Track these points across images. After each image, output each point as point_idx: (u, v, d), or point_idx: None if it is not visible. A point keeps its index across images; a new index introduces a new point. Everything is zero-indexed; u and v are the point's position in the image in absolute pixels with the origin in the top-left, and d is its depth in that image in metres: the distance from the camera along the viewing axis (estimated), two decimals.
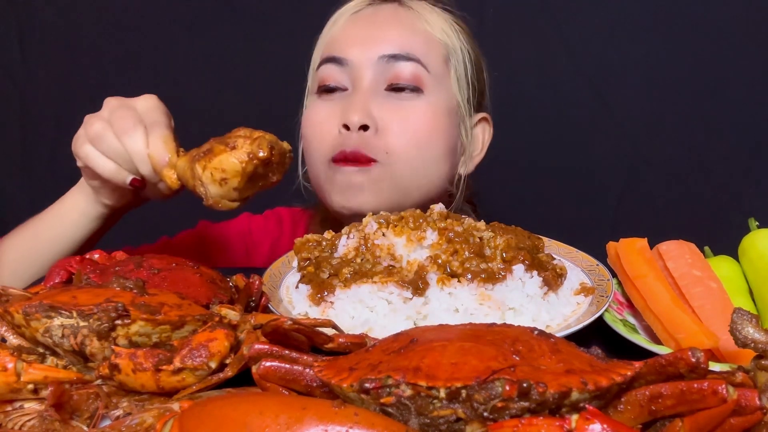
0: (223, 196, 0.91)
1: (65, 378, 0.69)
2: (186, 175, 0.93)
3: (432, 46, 1.24)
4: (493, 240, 0.93)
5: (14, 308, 0.69)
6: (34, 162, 2.32)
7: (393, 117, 1.18)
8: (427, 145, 1.21)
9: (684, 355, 0.55)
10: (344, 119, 1.17)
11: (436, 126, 1.22)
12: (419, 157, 1.20)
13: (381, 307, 0.85)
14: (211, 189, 0.90)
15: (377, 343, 0.64)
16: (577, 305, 0.90)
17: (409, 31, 1.24)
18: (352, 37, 1.24)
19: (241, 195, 0.92)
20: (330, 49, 1.26)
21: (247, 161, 0.88)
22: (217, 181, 0.89)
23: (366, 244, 0.93)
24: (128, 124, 0.97)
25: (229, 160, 0.88)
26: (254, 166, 0.89)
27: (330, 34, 1.28)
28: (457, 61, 1.27)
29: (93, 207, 1.11)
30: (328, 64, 1.24)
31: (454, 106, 1.26)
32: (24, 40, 2.26)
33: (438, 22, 1.27)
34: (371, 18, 1.26)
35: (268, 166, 0.91)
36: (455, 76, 1.27)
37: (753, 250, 1.02)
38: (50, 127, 2.29)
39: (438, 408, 0.53)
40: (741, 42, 2.00)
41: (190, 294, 0.82)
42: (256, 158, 0.89)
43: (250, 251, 1.43)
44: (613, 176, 2.14)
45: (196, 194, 0.93)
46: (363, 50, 1.21)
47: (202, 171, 0.90)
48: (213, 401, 0.54)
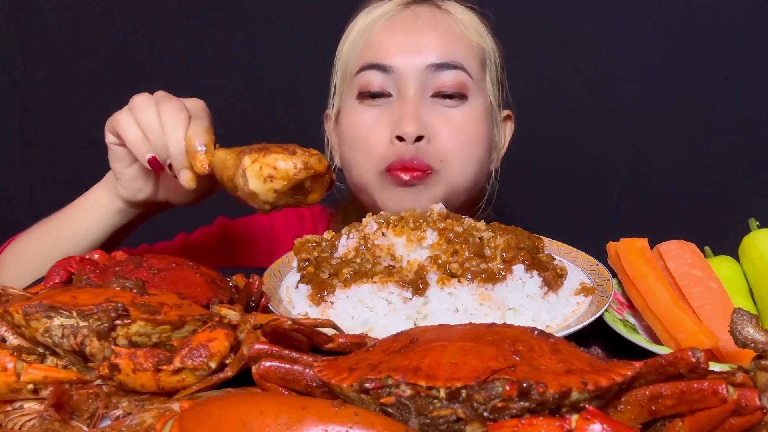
0: (259, 194, 0.91)
1: (65, 378, 0.69)
2: (224, 163, 0.94)
3: (471, 51, 1.27)
4: (493, 240, 0.93)
5: (14, 308, 0.69)
6: (34, 162, 2.32)
7: (442, 125, 1.21)
8: (475, 149, 1.25)
9: (684, 355, 0.55)
10: (399, 131, 1.18)
11: (480, 130, 1.26)
12: (469, 162, 1.24)
13: (381, 307, 0.85)
14: (252, 182, 0.91)
15: (377, 343, 0.64)
16: (577, 305, 0.90)
17: (449, 36, 1.26)
18: (394, 43, 1.25)
19: (275, 201, 0.93)
20: (371, 55, 1.25)
21: (302, 168, 0.90)
22: (263, 177, 0.90)
23: (366, 245, 0.93)
24: (174, 107, 1.00)
25: (285, 162, 0.90)
26: (305, 176, 0.91)
27: (367, 38, 1.27)
28: (491, 62, 1.31)
29: (113, 201, 1.13)
30: (371, 70, 1.24)
31: (490, 107, 1.30)
32: (24, 40, 2.26)
33: (472, 24, 1.29)
34: (411, 23, 1.27)
35: (315, 181, 0.93)
36: (489, 79, 1.30)
37: (753, 250, 1.02)
38: (50, 127, 2.29)
39: (438, 408, 0.53)
40: (741, 42, 2.00)
41: (190, 294, 0.82)
42: (312, 169, 0.91)
43: (273, 247, 1.44)
44: (613, 176, 2.14)
45: (226, 185, 0.94)
46: (408, 58, 1.22)
47: (250, 163, 0.91)
48: (213, 401, 0.54)
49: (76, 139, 2.25)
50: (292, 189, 0.92)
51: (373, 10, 1.30)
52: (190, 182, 1.00)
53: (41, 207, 1.19)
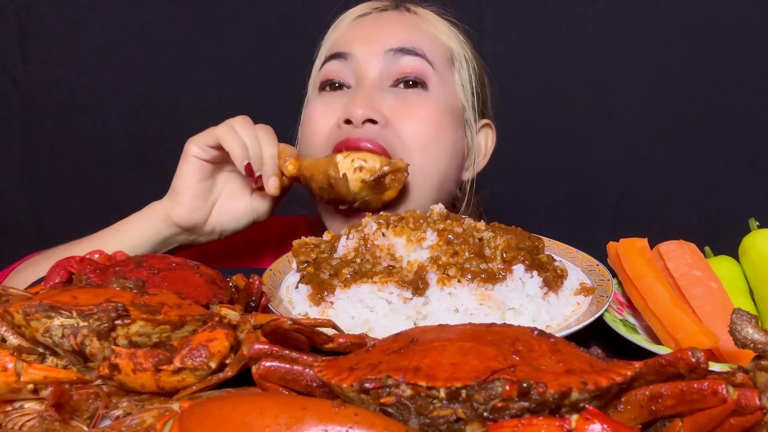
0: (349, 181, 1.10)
1: (65, 378, 0.69)
2: (315, 165, 1.12)
3: (437, 46, 1.25)
4: (493, 240, 0.93)
5: (14, 308, 0.69)
6: (34, 162, 2.32)
7: (400, 113, 1.17)
8: (433, 141, 1.19)
9: (684, 355, 0.55)
10: (346, 114, 1.15)
11: (441, 122, 1.20)
12: (427, 155, 1.19)
13: (381, 307, 0.85)
14: (343, 171, 1.10)
15: (377, 343, 0.63)
16: (577, 305, 0.90)
17: (414, 29, 1.24)
18: (356, 34, 1.24)
19: (359, 191, 1.11)
20: (333, 47, 1.25)
21: (387, 163, 1.10)
22: (354, 168, 1.10)
23: (366, 245, 0.93)
24: (266, 128, 1.17)
25: (372, 157, 1.10)
26: (389, 171, 1.09)
27: (333, 36, 1.28)
28: (461, 65, 1.27)
29: (158, 226, 1.17)
30: (332, 60, 1.23)
31: (459, 108, 1.26)
32: (24, 40, 2.26)
33: (443, 28, 1.28)
34: (376, 20, 1.27)
35: (394, 179, 1.11)
36: (459, 80, 1.27)
37: (753, 250, 1.02)
38: (50, 127, 2.29)
39: (438, 408, 0.53)
40: (741, 42, 2.00)
41: (190, 294, 0.82)
42: (395, 165, 1.10)
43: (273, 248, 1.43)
44: (613, 176, 2.14)
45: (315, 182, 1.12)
46: (368, 45, 1.21)
47: (343, 157, 1.11)
48: (213, 401, 0.54)
49: (76, 139, 2.25)
50: (375, 182, 1.09)
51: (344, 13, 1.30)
52: (276, 189, 1.14)
53: (41, 207, 1.19)
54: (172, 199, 1.16)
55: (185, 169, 1.15)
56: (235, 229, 1.22)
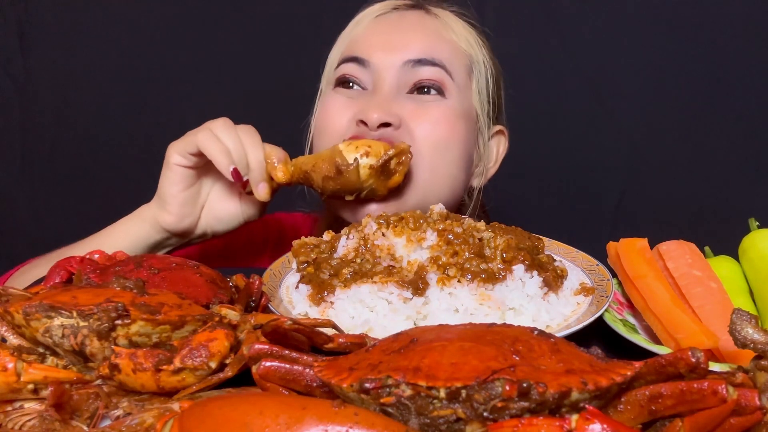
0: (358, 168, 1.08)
1: (65, 378, 0.69)
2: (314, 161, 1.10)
3: (457, 55, 1.24)
4: (493, 240, 0.93)
5: (14, 308, 0.69)
6: (34, 162, 2.32)
7: (414, 115, 1.17)
8: (446, 147, 1.19)
9: (684, 355, 0.55)
10: (362, 115, 1.15)
11: (456, 129, 1.21)
12: (439, 158, 1.19)
13: (381, 307, 0.85)
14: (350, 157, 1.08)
15: (377, 343, 0.63)
16: (577, 305, 0.90)
17: (434, 37, 1.23)
18: (376, 40, 1.23)
19: (367, 178, 1.09)
20: (352, 49, 1.24)
21: (391, 148, 1.09)
22: (360, 153, 1.08)
23: (366, 245, 0.93)
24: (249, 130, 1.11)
25: (376, 143, 1.10)
26: (394, 153, 1.09)
27: (352, 35, 1.27)
28: (480, 73, 1.27)
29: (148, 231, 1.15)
30: (350, 63, 1.22)
31: (473, 116, 1.26)
32: (24, 40, 2.26)
33: (463, 33, 1.27)
34: (396, 23, 1.25)
35: (399, 163, 1.10)
36: (477, 89, 1.27)
37: (753, 250, 1.02)
38: (50, 127, 2.29)
39: (438, 408, 0.53)
40: (741, 42, 2.00)
41: (190, 294, 0.82)
42: (399, 150, 1.09)
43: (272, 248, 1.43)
44: (613, 176, 2.14)
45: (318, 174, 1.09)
46: (387, 54, 1.20)
47: (346, 145, 1.10)
48: (213, 401, 0.54)
49: (76, 139, 2.25)
50: (382, 167, 1.09)
51: (365, 10, 1.29)
52: (266, 195, 1.11)
53: (41, 207, 1.18)
54: (159, 206, 1.14)
55: (169, 177, 1.12)
56: (227, 230, 1.20)
